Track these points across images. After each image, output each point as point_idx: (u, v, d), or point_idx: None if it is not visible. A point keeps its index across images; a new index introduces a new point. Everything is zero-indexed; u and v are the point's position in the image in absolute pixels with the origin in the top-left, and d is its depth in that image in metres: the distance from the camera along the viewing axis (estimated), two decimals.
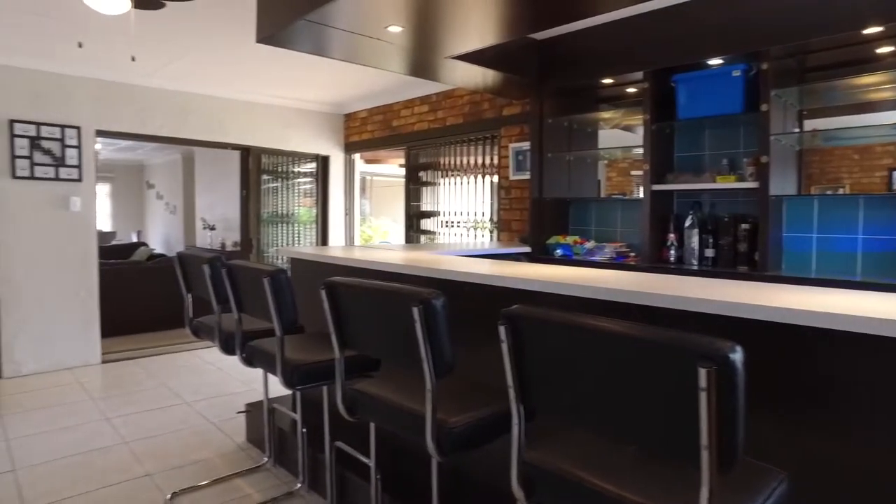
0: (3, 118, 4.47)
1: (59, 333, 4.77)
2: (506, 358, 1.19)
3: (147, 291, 6.17)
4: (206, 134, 5.49)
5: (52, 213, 4.71)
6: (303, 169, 6.40)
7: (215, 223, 9.12)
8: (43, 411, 3.83)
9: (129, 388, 4.35)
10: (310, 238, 6.46)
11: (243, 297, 2.31)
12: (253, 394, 4.10)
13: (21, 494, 2.72)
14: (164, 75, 5.00)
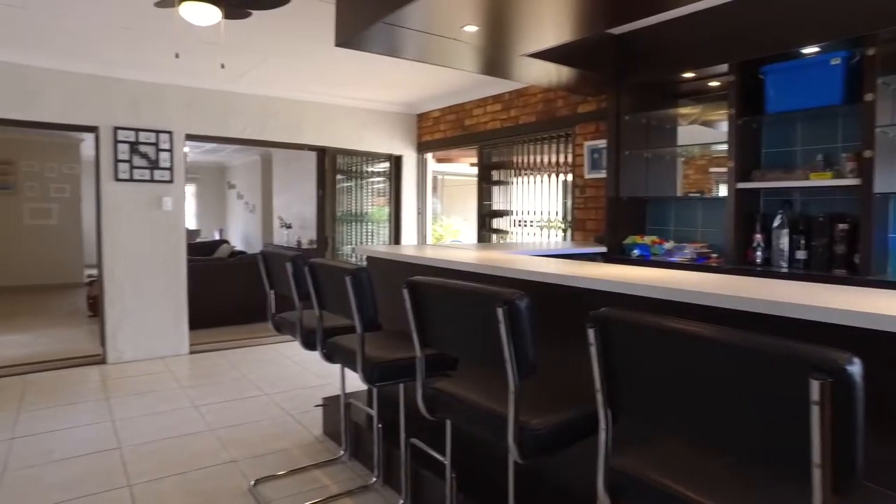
0: (109, 125, 4.82)
1: (153, 325, 5.10)
2: (594, 361, 1.16)
3: (229, 287, 6.48)
4: (285, 136, 5.70)
5: (148, 213, 5.04)
6: (376, 169, 6.53)
7: (291, 221, 9.46)
8: (141, 396, 4.10)
9: (215, 378, 4.59)
10: (382, 237, 6.59)
11: (324, 295, 2.38)
12: (329, 388, 4.23)
13: (126, 471, 2.93)
14: (246, 81, 5.24)
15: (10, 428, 3.52)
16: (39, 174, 9.38)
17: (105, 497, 2.68)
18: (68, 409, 3.88)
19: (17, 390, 4.25)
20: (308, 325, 2.60)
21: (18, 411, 3.81)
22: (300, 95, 5.70)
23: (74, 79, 4.70)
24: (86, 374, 4.69)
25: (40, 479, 2.87)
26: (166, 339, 5.17)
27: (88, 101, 4.76)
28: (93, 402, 4.03)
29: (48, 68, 4.59)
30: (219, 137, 5.43)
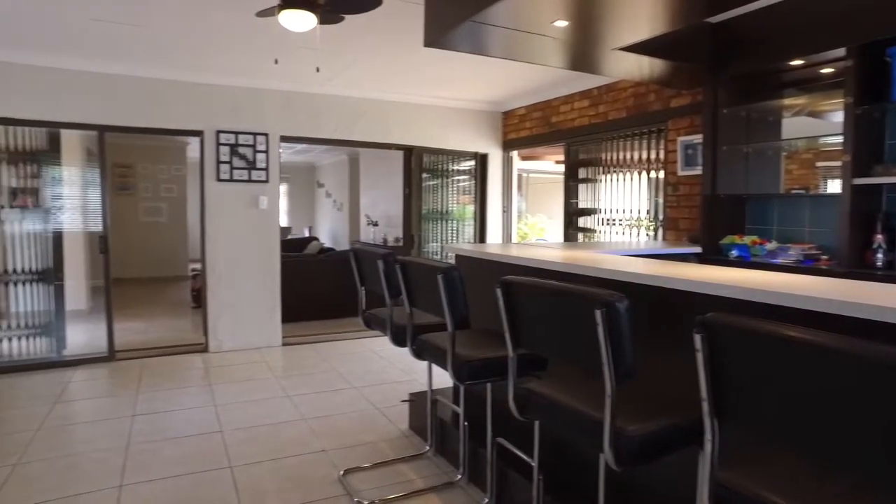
0: (213, 129, 5.16)
1: (249, 317, 5.40)
2: (700, 368, 1.11)
3: (319, 282, 6.75)
4: (373, 136, 5.86)
5: (245, 211, 5.33)
6: (461, 167, 6.56)
7: (378, 219, 9.71)
8: (239, 384, 4.36)
9: (305, 369, 4.79)
10: (466, 235, 6.62)
11: (415, 292, 2.42)
12: (413, 384, 4.30)
13: (227, 453, 3.13)
14: (337, 83, 5.42)
15: (132, 406, 3.86)
16: (152, 175, 10.18)
17: (210, 475, 2.86)
18: (177, 392, 4.19)
19: (136, 372, 4.64)
20: (398, 322, 2.65)
21: (137, 391, 4.16)
22: (388, 96, 5.83)
23: (184, 87, 5.05)
24: (191, 360, 5.04)
25: (158, 453, 3.12)
26: (261, 331, 5.46)
27: (195, 108, 5.11)
28: (198, 387, 4.33)
29: (162, 79, 4.96)
30: (311, 138, 5.66)
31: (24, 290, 4.88)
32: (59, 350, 4.98)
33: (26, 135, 4.78)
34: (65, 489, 2.73)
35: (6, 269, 4.81)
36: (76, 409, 3.87)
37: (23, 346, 4.88)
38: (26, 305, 4.90)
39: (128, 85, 4.87)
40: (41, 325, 4.93)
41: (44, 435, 3.38)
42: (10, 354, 4.83)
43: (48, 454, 3.12)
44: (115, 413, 3.74)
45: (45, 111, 4.65)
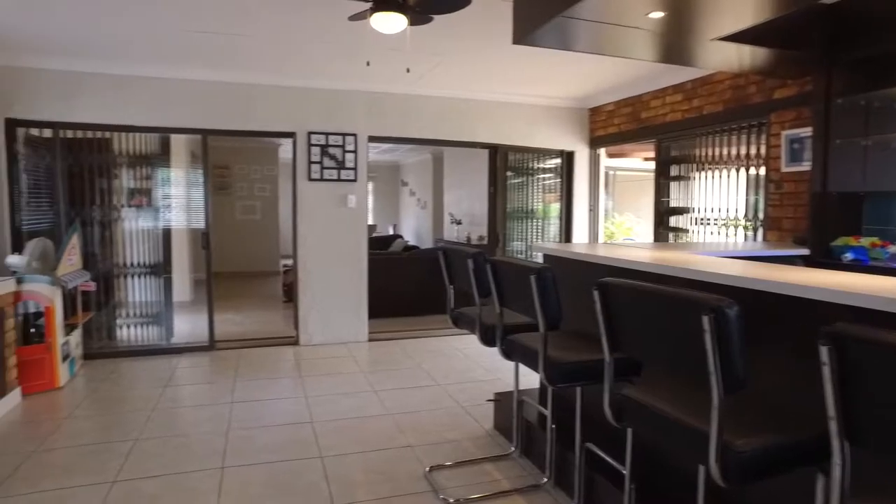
0: (304, 131, 5.37)
1: (337, 313, 5.59)
2: (826, 384, 1.02)
3: (404, 279, 6.87)
4: (459, 134, 5.88)
5: (334, 210, 5.52)
6: (546, 165, 6.46)
7: (461, 218, 9.76)
8: (328, 377, 4.51)
9: (391, 365, 4.89)
10: (551, 234, 6.51)
11: (506, 292, 2.40)
12: (497, 383, 4.29)
13: (318, 443, 3.25)
14: (424, 83, 5.48)
15: (231, 393, 4.10)
16: (247, 175, 10.77)
17: (302, 464, 2.98)
18: (271, 382, 4.40)
19: (234, 362, 4.93)
20: (487, 322, 2.64)
21: (235, 379, 4.41)
22: (473, 95, 5.84)
23: (279, 92, 5.29)
24: (283, 352, 5.28)
25: (254, 439, 3.30)
26: (348, 327, 5.63)
27: (288, 111, 5.34)
28: (289, 378, 4.52)
29: (258, 84, 5.22)
30: (398, 138, 5.77)
31: (138, 282, 5.30)
32: (168, 338, 5.38)
33: (141, 140, 5.18)
34: (176, 466, 2.94)
35: (124, 262, 5.25)
36: (183, 394, 4.15)
37: (138, 333, 5.31)
38: (140, 296, 5.32)
39: (227, 91, 5.16)
40: (153, 314, 5.34)
41: (157, 415, 3.66)
42: (127, 340, 5.27)
43: (162, 433, 3.38)
44: (216, 399, 3.98)
45: (158, 118, 5.02)
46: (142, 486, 2.74)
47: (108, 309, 5.21)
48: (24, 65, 4.66)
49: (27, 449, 3.17)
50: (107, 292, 5.20)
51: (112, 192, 5.18)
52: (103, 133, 5.06)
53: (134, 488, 2.72)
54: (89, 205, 5.06)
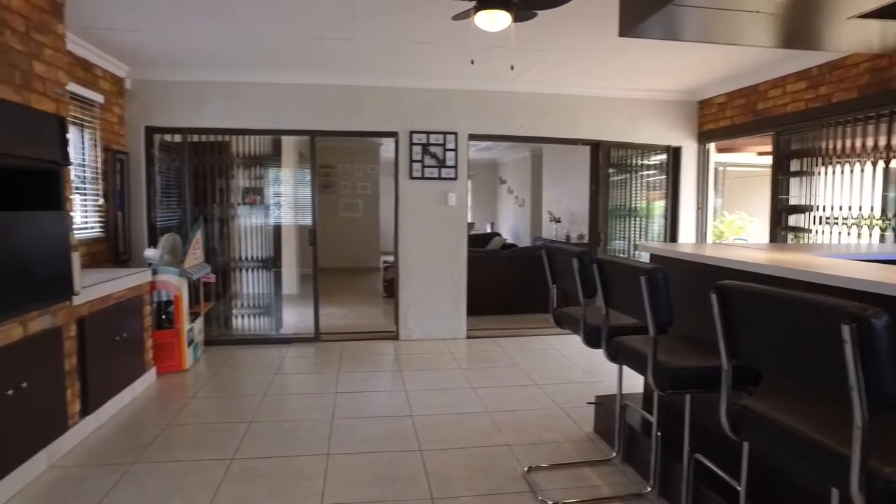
0: (406, 130, 5.50)
1: (436, 309, 5.68)
2: None
3: (502, 278, 6.86)
4: (560, 131, 5.77)
5: (435, 208, 5.60)
6: (650, 161, 6.19)
7: (560, 216, 9.59)
8: (426, 372, 4.60)
9: (489, 363, 4.90)
10: (654, 233, 6.24)
11: (613, 293, 2.32)
12: (597, 386, 4.17)
13: (417, 436, 3.32)
14: (524, 80, 5.43)
15: (335, 384, 4.29)
16: (350, 174, 11.21)
17: (402, 455, 3.06)
18: (372, 375, 4.55)
19: (337, 353, 5.15)
20: (592, 322, 2.57)
21: (339, 371, 4.61)
22: (575, 90, 5.70)
23: (382, 92, 5.45)
24: (383, 346, 5.44)
25: (357, 429, 3.42)
26: (447, 323, 5.70)
27: (391, 111, 5.49)
28: (390, 372, 4.66)
29: (363, 86, 5.41)
30: (498, 136, 5.75)
31: (251, 275, 5.67)
32: (277, 329, 5.71)
33: (255, 142, 5.54)
34: (286, 449, 3.13)
35: (239, 256, 5.64)
36: (291, 382, 4.39)
37: (251, 322, 5.69)
38: (253, 288, 5.69)
39: (334, 93, 5.39)
40: (264, 306, 5.69)
41: (269, 400, 3.90)
42: (241, 329, 5.66)
43: (272, 417, 3.60)
44: (321, 389, 4.18)
45: (270, 121, 5.34)
46: (256, 465, 2.93)
47: (225, 299, 5.62)
48: (161, 78, 5.13)
49: (162, 421, 3.50)
50: (224, 284, 5.61)
51: (229, 191, 5.57)
52: (223, 136, 5.46)
53: (250, 466, 2.92)
54: (210, 203, 5.48)
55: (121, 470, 2.88)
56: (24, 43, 2.81)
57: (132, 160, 5.11)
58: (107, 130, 4.76)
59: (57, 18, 3.09)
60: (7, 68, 2.68)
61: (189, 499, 2.60)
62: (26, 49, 2.82)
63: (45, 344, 2.92)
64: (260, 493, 2.66)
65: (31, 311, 2.81)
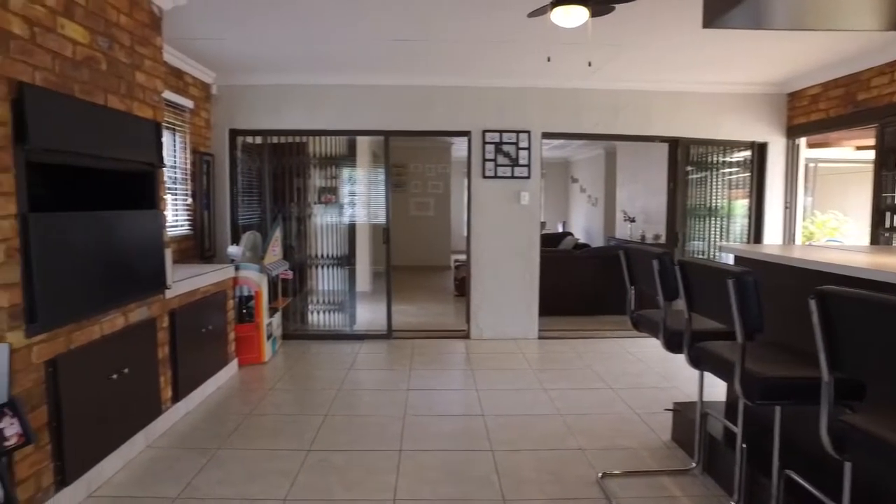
0: (479, 129, 5.50)
1: (507, 308, 5.64)
2: None
3: (574, 278, 6.73)
4: (635, 128, 5.59)
5: (507, 207, 5.57)
6: (731, 158, 5.89)
7: (635, 215, 9.30)
8: (498, 372, 4.58)
9: (561, 364, 4.82)
10: (736, 233, 5.93)
11: (696, 296, 2.22)
12: (673, 392, 4.01)
13: (489, 436, 3.31)
14: (598, 77, 5.29)
15: (407, 381, 4.34)
16: (421, 173, 11.34)
17: (474, 455, 3.06)
18: (443, 373, 4.59)
19: (409, 351, 5.22)
20: (673, 327, 2.47)
21: (410, 368, 4.67)
22: (651, 85, 5.51)
23: (455, 92, 5.47)
24: (454, 345, 5.46)
25: (428, 426, 3.46)
26: (518, 323, 5.65)
27: (464, 110, 5.50)
28: (460, 371, 4.67)
29: (436, 86, 5.45)
30: (571, 134, 5.65)
31: (326, 272, 5.84)
32: (351, 325, 5.86)
33: (331, 143, 5.70)
34: (359, 443, 3.20)
35: (315, 254, 5.82)
36: (363, 377, 4.49)
37: (326, 318, 5.86)
38: (328, 285, 5.86)
39: (407, 94, 5.46)
40: (338, 302, 5.85)
41: (343, 395, 4.01)
42: (316, 325, 5.85)
43: (347, 411, 3.70)
44: (393, 385, 4.25)
45: (346, 122, 5.47)
46: (331, 458, 3.01)
47: (301, 295, 5.82)
48: (243, 83, 5.37)
49: (244, 411, 3.67)
50: (301, 280, 5.81)
51: (306, 191, 5.77)
52: (301, 137, 5.65)
53: (325, 458, 3.01)
54: (288, 202, 5.68)
55: (208, 454, 3.04)
56: (129, 56, 3.02)
57: (217, 161, 5.39)
58: (195, 134, 5.04)
59: (156, 32, 3.30)
60: (115, 80, 2.89)
61: (268, 485, 2.72)
62: (130, 61, 3.03)
63: (142, 334, 3.13)
64: (335, 484, 2.74)
65: (132, 302, 3.02)
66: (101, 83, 2.79)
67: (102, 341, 2.76)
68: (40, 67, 2.40)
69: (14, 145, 2.25)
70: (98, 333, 2.74)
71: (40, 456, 2.39)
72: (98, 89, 2.77)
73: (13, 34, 2.25)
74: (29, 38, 2.34)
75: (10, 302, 2.22)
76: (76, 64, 2.61)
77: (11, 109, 2.24)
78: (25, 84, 2.29)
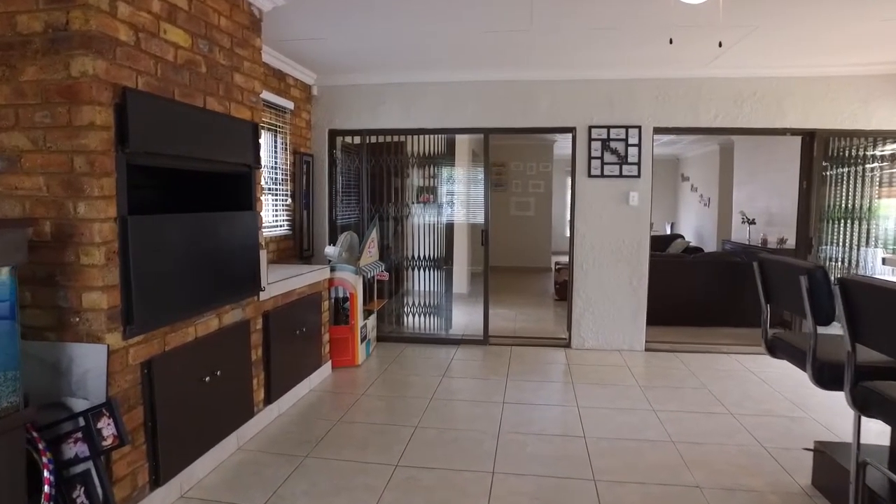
0: (585, 125, 5.14)
1: (612, 317, 5.24)
2: None
3: (685, 285, 6.17)
4: (762, 120, 4.98)
5: (615, 208, 5.16)
6: (882, 152, 5.09)
7: (755, 217, 8.45)
8: (601, 388, 4.22)
9: (672, 381, 4.37)
10: (890, 239, 5.12)
11: (864, 323, 1.79)
12: (809, 424, 3.48)
13: (591, 463, 3.00)
14: (719, 64, 4.75)
15: (502, 392, 4.11)
16: (522, 172, 11.01)
17: (573, 484, 2.76)
18: (542, 385, 4.29)
19: (505, 359, 4.98)
20: (827, 358, 2.04)
21: (507, 378, 4.43)
22: (783, 71, 4.88)
23: (559, 86, 5.15)
24: (554, 354, 5.15)
25: (524, 446, 3.20)
26: (624, 333, 5.24)
27: (568, 105, 5.16)
28: (560, 383, 4.36)
29: (536, 80, 5.16)
30: (687, 128, 5.13)
31: (422, 273, 5.73)
32: (447, 329, 5.71)
33: (429, 141, 5.57)
34: (450, 462, 3.00)
35: (412, 255, 5.73)
36: (458, 386, 4.30)
37: (421, 321, 5.76)
38: (424, 287, 5.75)
39: (508, 89, 5.21)
40: (434, 305, 5.73)
41: (435, 405, 3.85)
42: (411, 327, 5.76)
43: (438, 423, 3.52)
44: (488, 396, 4.02)
45: (444, 120, 5.32)
46: (419, 475, 2.84)
47: (397, 297, 5.75)
48: (341, 83, 5.38)
49: (334, 417, 3.61)
50: (397, 282, 5.74)
51: (404, 191, 5.68)
52: (399, 137, 5.57)
53: (412, 476, 2.84)
54: (385, 202, 5.63)
55: (295, 461, 2.98)
56: (228, 58, 3.02)
57: (316, 162, 5.43)
58: (295, 134, 5.10)
59: (255, 33, 3.30)
60: (214, 82, 2.89)
61: (354, 500, 2.59)
62: (229, 63, 3.03)
63: (235, 335, 3.13)
64: None
65: (226, 304, 3.02)
66: (200, 86, 2.79)
67: (196, 343, 2.76)
68: (143, 72, 2.41)
69: (116, 150, 2.27)
70: (192, 335, 2.75)
71: (136, 456, 2.41)
72: (197, 92, 2.77)
73: (119, 41, 2.27)
74: (134, 44, 2.36)
75: (108, 304, 2.24)
76: (177, 67, 2.62)
77: (115, 114, 2.26)
78: (129, 89, 2.30)
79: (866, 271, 5.12)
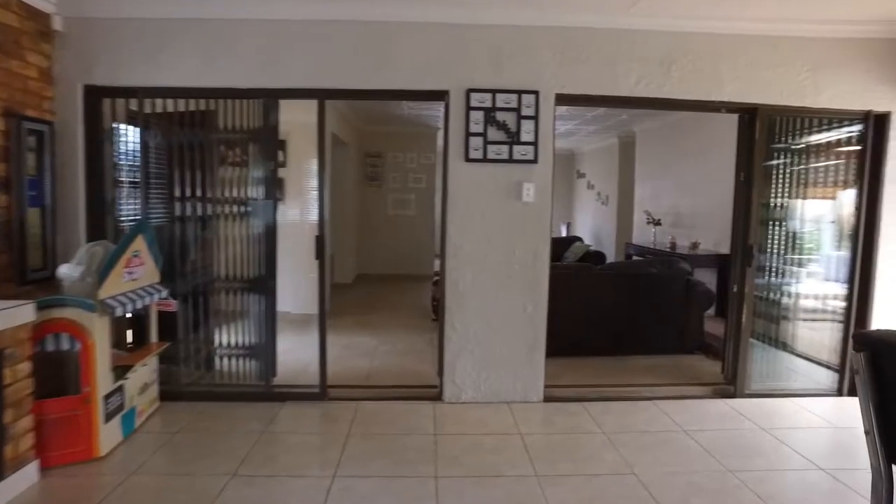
0: (461, 88, 3.65)
1: (499, 356, 3.80)
2: None
3: (592, 303, 4.91)
4: (696, 90, 3.75)
5: (502, 205, 3.73)
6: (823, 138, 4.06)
7: (660, 217, 7.47)
8: (478, 487, 2.71)
9: (582, 461, 2.98)
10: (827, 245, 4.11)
11: None
12: None
13: None
14: (642, 8, 3.47)
15: (324, 499, 2.49)
16: (402, 164, 9.43)
17: None
18: (385, 487, 2.71)
19: (346, 426, 3.32)
20: None
21: (336, 470, 2.78)
22: (724, 26, 3.68)
23: (427, 31, 3.63)
24: (417, 414, 3.61)
25: None
26: (515, 378, 3.81)
27: (441, 59, 3.66)
28: (415, 480, 2.79)
29: (399, 21, 3.61)
30: (600, 97, 3.78)
31: (233, 298, 3.97)
32: (267, 378, 3.98)
33: (249, 110, 3.83)
34: None
35: (219, 274, 3.95)
36: (250, 498, 2.64)
37: (230, 367, 3.98)
38: (235, 318, 3.99)
39: (354, 33, 3.62)
40: (247, 346, 3.98)
41: None
42: (221, 377, 3.97)
43: None
44: None
45: (262, 77, 3.62)
46: None
47: (194, 335, 3.93)
48: (103, 14, 3.54)
49: None
50: (196, 311, 3.95)
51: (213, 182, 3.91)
52: (198, 103, 3.79)
53: None
54: (184, 197, 3.83)
55: None
56: None
57: (64, 134, 3.54)
58: (10, 86, 3.18)
59: None
60: None
61: None
62: None
63: None
64: None
65: None
66: None
67: None
68: None
69: None
70: None
71: None
72: None
73: None
74: None
75: None
76: None
77: None
78: None
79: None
